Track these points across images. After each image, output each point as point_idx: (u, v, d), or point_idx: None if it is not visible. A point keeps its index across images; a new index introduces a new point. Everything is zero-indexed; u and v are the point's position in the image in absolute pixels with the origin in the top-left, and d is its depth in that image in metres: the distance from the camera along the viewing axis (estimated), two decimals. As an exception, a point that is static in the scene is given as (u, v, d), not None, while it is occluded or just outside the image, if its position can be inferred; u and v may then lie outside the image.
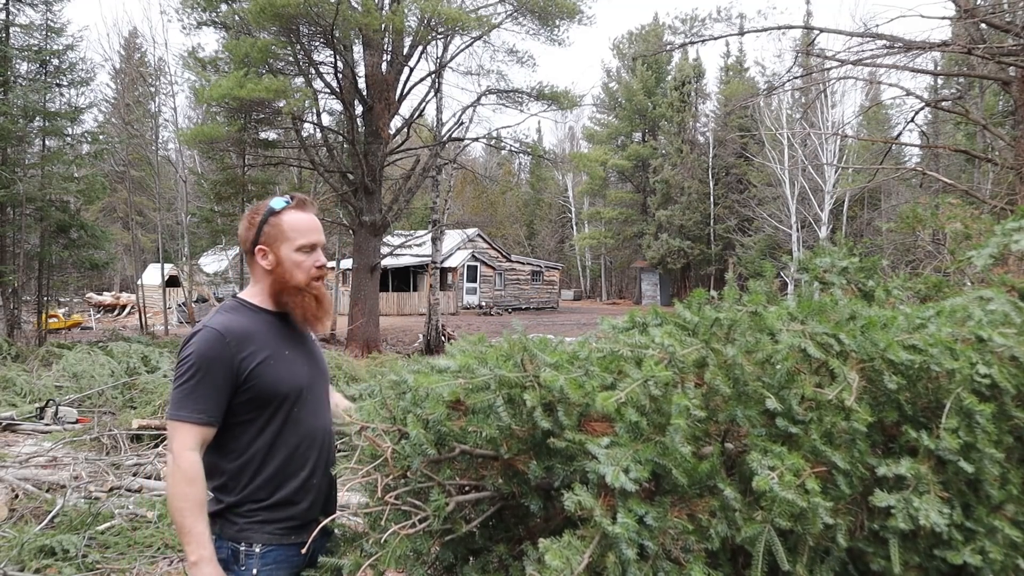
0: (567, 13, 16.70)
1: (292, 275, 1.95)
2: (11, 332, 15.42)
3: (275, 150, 20.01)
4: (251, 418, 1.89)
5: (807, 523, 1.27)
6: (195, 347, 1.84)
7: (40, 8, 17.05)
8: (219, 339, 1.84)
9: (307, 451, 1.95)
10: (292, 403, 1.92)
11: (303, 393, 1.95)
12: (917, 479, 1.36)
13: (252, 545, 1.87)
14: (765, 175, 30.12)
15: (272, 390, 1.88)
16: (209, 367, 1.81)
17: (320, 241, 2.00)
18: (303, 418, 1.95)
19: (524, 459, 1.47)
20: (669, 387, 1.34)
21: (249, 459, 1.89)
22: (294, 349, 1.99)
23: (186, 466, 1.77)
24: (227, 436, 1.90)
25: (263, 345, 1.91)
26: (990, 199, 10.06)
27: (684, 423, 1.26)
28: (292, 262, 1.95)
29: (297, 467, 1.93)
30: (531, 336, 1.72)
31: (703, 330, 1.44)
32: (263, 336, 1.93)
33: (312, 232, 1.98)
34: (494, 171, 45.09)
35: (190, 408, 1.80)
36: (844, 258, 2.15)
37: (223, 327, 1.86)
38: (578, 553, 1.22)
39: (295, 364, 1.96)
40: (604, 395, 1.29)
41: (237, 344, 1.85)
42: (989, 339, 1.61)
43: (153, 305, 26.72)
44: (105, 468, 5.91)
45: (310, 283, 1.97)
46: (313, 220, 2.00)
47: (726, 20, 37.55)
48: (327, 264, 2.03)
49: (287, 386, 1.91)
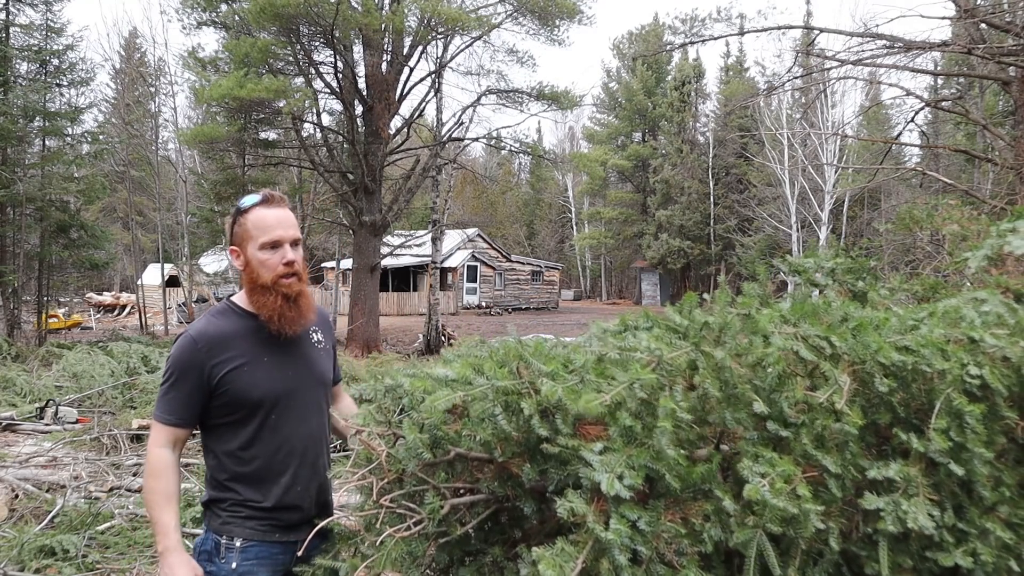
0: (567, 13, 16.70)
1: (259, 274, 1.92)
2: (11, 332, 15.43)
3: (275, 150, 20.01)
4: (227, 421, 1.93)
5: (799, 527, 1.27)
6: (173, 352, 1.93)
7: (40, 8, 17.08)
8: (192, 346, 1.89)
9: (287, 457, 1.95)
10: (268, 409, 1.93)
11: (280, 400, 1.94)
12: (906, 481, 1.36)
13: (233, 539, 1.91)
14: (765, 175, 30.12)
15: (244, 396, 1.90)
16: (181, 372, 1.89)
17: (285, 237, 1.92)
18: (282, 425, 1.95)
19: (519, 462, 1.47)
20: (655, 390, 1.34)
21: (227, 459, 1.94)
22: (276, 354, 1.96)
23: (153, 461, 1.90)
24: (209, 435, 1.97)
25: (240, 351, 1.92)
26: (990, 199, 10.06)
27: (670, 425, 1.26)
28: (257, 260, 1.92)
29: (276, 472, 1.94)
30: (529, 337, 1.73)
31: (692, 333, 1.44)
32: (241, 341, 1.93)
33: (276, 228, 1.91)
34: (494, 171, 45.06)
35: (162, 409, 1.91)
36: (830, 259, 2.15)
37: (198, 333, 1.91)
38: (571, 560, 1.22)
39: (274, 370, 1.94)
40: (588, 397, 1.29)
41: (209, 350, 1.89)
42: (981, 340, 1.61)
43: (153, 305, 26.74)
44: (105, 468, 5.93)
45: (277, 281, 1.90)
46: (279, 215, 1.93)
47: (726, 20, 37.51)
48: (295, 260, 1.93)
49: (261, 392, 1.91)
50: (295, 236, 1.95)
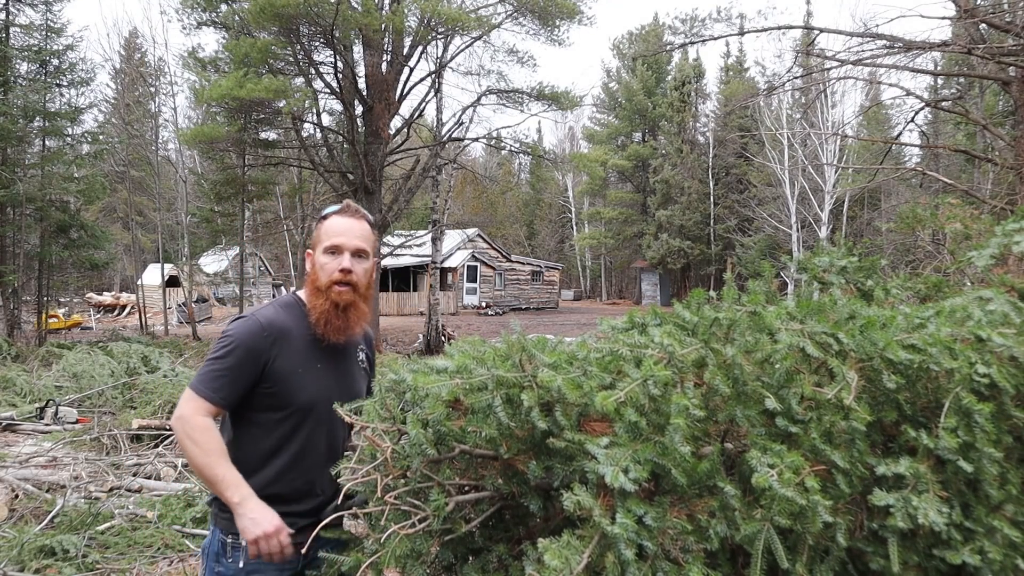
0: (567, 13, 16.69)
1: (317, 276, 1.93)
2: (11, 332, 15.43)
3: (275, 150, 20.01)
4: (265, 419, 1.92)
5: (806, 522, 1.27)
6: (236, 331, 1.88)
7: (40, 8, 17.08)
8: (259, 331, 1.88)
9: (312, 467, 1.93)
10: (303, 416, 1.92)
11: (317, 409, 1.93)
12: (916, 478, 1.36)
13: (240, 538, 1.87)
14: (765, 175, 30.10)
15: (291, 397, 1.90)
16: (240, 353, 1.85)
17: (347, 245, 1.91)
18: (313, 434, 1.94)
19: (523, 459, 1.47)
20: (668, 387, 1.34)
21: (250, 456, 1.92)
22: (326, 362, 1.96)
23: (197, 421, 1.82)
24: (240, 429, 1.94)
25: (299, 351, 1.92)
26: (990, 199, 10.06)
27: (684, 423, 1.26)
28: (319, 264, 1.93)
29: (295, 477, 1.93)
30: (530, 336, 1.73)
31: (702, 330, 1.44)
32: (300, 341, 1.93)
33: (341, 234, 1.91)
34: (494, 171, 45.06)
35: (206, 384, 1.85)
36: (843, 258, 2.15)
37: (267, 321, 1.90)
38: (577, 553, 1.22)
39: (321, 378, 1.94)
40: (603, 395, 1.29)
41: (274, 341, 1.88)
42: (988, 339, 1.61)
43: (153, 305, 26.74)
44: (105, 468, 5.91)
45: (331, 286, 1.91)
46: (349, 224, 1.93)
47: (726, 20, 37.55)
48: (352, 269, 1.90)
49: (307, 396, 1.91)
50: (358, 247, 1.93)
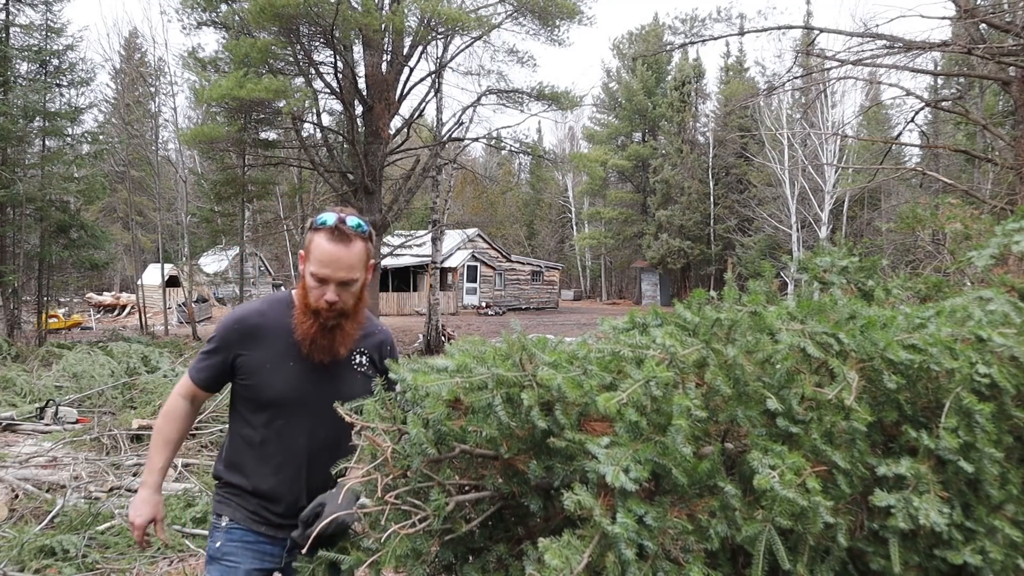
0: (567, 13, 16.70)
1: (309, 293, 1.95)
2: (11, 332, 15.43)
3: (275, 150, 20.02)
4: (243, 412, 2.03)
5: (807, 522, 1.27)
6: (219, 323, 2.06)
7: (40, 8, 17.08)
8: (230, 326, 2.01)
9: (284, 465, 1.98)
10: (275, 413, 1.97)
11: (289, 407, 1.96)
12: (917, 479, 1.36)
13: (221, 517, 2.00)
14: (765, 175, 30.10)
15: (254, 392, 1.98)
16: (216, 344, 2.01)
17: (333, 277, 1.89)
18: (285, 432, 1.98)
19: (524, 459, 1.46)
20: (670, 387, 1.34)
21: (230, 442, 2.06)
22: (304, 361, 1.97)
23: (168, 406, 2.05)
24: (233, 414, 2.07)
25: (270, 349, 1.97)
26: (990, 199, 10.07)
27: (686, 423, 1.26)
28: (308, 284, 1.95)
29: (269, 473, 1.98)
30: (530, 336, 1.72)
31: (703, 330, 1.44)
32: (275, 340, 1.98)
33: (327, 265, 1.88)
34: (494, 171, 45.06)
35: (194, 366, 2.05)
36: (844, 258, 2.15)
37: (240, 318, 2.02)
38: (577, 553, 1.22)
39: (293, 377, 1.96)
40: (606, 396, 1.29)
41: (240, 338, 1.98)
42: (989, 339, 1.61)
43: (153, 305, 26.73)
44: (105, 468, 5.91)
45: (318, 311, 1.92)
46: (338, 254, 1.88)
47: (726, 20, 37.56)
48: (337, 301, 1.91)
49: (273, 394, 1.96)
50: (345, 278, 1.90)
